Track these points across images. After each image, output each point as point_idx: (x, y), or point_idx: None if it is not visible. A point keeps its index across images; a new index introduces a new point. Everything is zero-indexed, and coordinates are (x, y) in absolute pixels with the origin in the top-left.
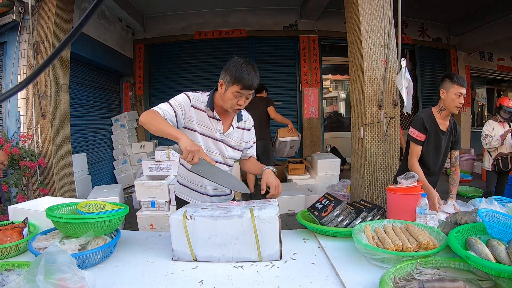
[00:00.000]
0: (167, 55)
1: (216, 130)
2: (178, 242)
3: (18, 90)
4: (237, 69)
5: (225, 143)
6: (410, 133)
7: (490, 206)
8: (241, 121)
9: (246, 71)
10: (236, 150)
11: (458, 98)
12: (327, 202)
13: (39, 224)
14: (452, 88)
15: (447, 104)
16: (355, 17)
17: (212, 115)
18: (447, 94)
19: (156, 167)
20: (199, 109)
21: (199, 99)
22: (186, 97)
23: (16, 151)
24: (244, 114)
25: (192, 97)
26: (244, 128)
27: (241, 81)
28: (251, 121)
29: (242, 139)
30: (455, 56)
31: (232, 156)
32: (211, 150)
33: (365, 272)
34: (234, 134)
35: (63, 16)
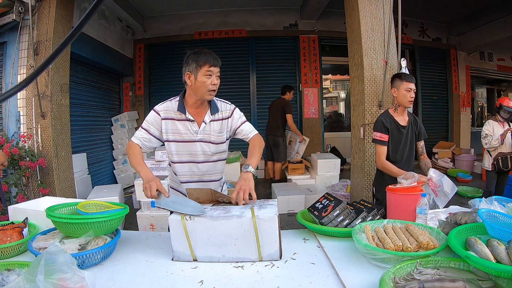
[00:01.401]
0: (167, 55)
1: (193, 132)
2: (178, 242)
3: (18, 90)
4: (197, 55)
5: (204, 141)
6: (374, 137)
7: (490, 206)
8: (216, 113)
9: (205, 53)
10: (219, 144)
11: (409, 92)
12: (327, 202)
13: (39, 224)
14: (402, 85)
15: (400, 100)
16: (355, 17)
17: (185, 118)
18: (398, 92)
19: (156, 167)
20: (171, 118)
21: (169, 108)
22: (154, 114)
23: (16, 151)
24: (221, 105)
25: (161, 110)
26: (222, 118)
27: (207, 61)
28: (230, 108)
29: (222, 130)
30: (455, 56)
31: (216, 150)
32: (192, 153)
33: (365, 272)
34: (210, 129)
35: (63, 16)
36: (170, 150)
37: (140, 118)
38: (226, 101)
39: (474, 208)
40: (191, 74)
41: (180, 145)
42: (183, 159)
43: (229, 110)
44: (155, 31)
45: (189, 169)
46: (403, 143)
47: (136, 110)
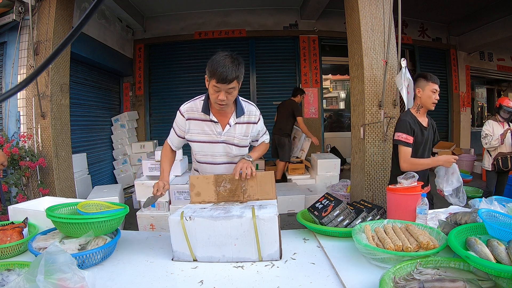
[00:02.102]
0: (167, 55)
1: (216, 133)
2: (178, 243)
3: (18, 90)
4: (214, 63)
5: (227, 143)
6: (399, 138)
7: (490, 206)
8: (242, 116)
9: (222, 64)
10: (242, 147)
11: (434, 94)
12: (327, 202)
13: (39, 224)
14: (427, 86)
15: (424, 101)
16: (355, 17)
17: (209, 119)
18: (423, 92)
19: (156, 167)
20: (195, 119)
21: (194, 108)
22: (179, 115)
23: (16, 151)
24: (248, 108)
25: (186, 111)
26: (249, 122)
27: (215, 75)
28: (257, 113)
29: (247, 134)
30: (455, 56)
31: (238, 153)
32: (215, 154)
33: (365, 272)
34: (234, 131)
35: (63, 16)
36: (194, 149)
37: (140, 118)
38: (253, 104)
39: (474, 208)
40: (207, 78)
41: (202, 145)
42: (204, 159)
43: (256, 116)
44: (155, 31)
45: (210, 170)
46: (423, 146)
47: (136, 110)
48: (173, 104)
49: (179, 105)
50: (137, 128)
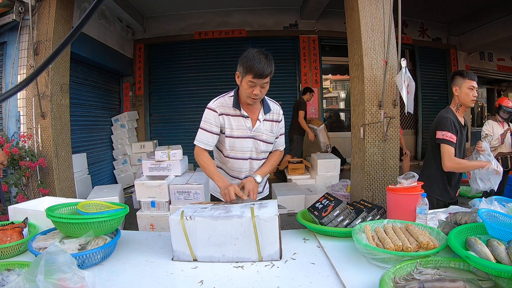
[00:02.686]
0: (167, 55)
1: (247, 128)
2: (178, 242)
3: (18, 90)
4: (249, 59)
5: (256, 138)
6: (443, 136)
7: (490, 206)
8: (268, 113)
9: (258, 60)
10: (269, 144)
11: (472, 91)
12: (327, 202)
13: (39, 224)
14: (464, 83)
15: (462, 100)
16: (355, 17)
17: (240, 114)
18: (460, 90)
19: (156, 167)
20: (227, 114)
21: (224, 104)
22: (211, 112)
23: (16, 151)
24: (273, 106)
25: (217, 107)
26: (273, 120)
27: (252, 70)
28: (281, 112)
29: (272, 131)
30: (455, 56)
31: (265, 149)
32: (244, 149)
33: (365, 272)
34: (263, 127)
35: (63, 16)
36: (224, 145)
37: (140, 118)
38: (275, 102)
39: (474, 208)
40: (239, 74)
41: (234, 140)
42: (233, 154)
43: (280, 115)
44: (155, 31)
45: (238, 166)
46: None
47: (136, 110)
48: (173, 104)
49: (179, 105)
50: (137, 128)
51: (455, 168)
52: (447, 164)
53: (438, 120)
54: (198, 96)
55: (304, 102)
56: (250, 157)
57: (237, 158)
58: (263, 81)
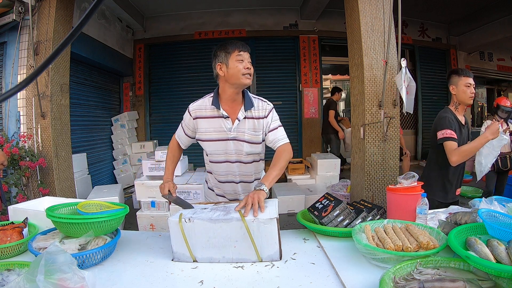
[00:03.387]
0: (167, 55)
1: (227, 129)
2: (178, 244)
3: (18, 90)
4: (224, 44)
5: (238, 139)
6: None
7: (490, 206)
8: (249, 110)
9: (231, 41)
10: (253, 144)
11: (468, 88)
12: (327, 202)
13: (39, 224)
14: (460, 81)
15: (460, 98)
16: (355, 17)
17: (220, 114)
18: (457, 88)
19: (156, 167)
20: (204, 117)
21: (202, 106)
22: (187, 114)
23: (16, 151)
24: (257, 102)
25: (193, 110)
26: (257, 117)
27: (235, 46)
28: (267, 107)
29: (258, 129)
30: (455, 56)
31: (250, 151)
32: (228, 152)
33: (365, 272)
34: (243, 127)
35: (63, 16)
36: (206, 150)
37: (140, 118)
38: (265, 100)
39: (474, 208)
40: (222, 64)
41: (215, 144)
42: (218, 158)
43: (266, 110)
44: (155, 31)
45: (224, 169)
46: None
47: (136, 110)
48: (173, 104)
49: (179, 105)
50: (137, 128)
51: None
52: (452, 159)
53: (436, 121)
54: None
55: (334, 102)
56: (237, 160)
57: (222, 161)
58: (248, 56)
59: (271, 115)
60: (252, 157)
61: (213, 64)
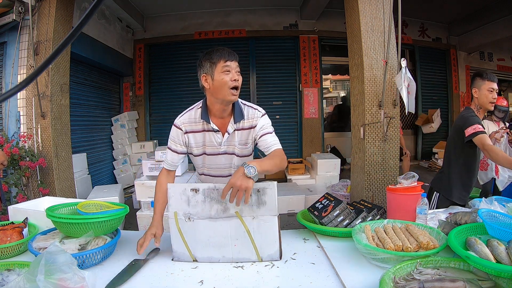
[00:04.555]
0: (167, 55)
1: (217, 144)
2: (178, 243)
3: (18, 90)
4: (209, 53)
5: (229, 153)
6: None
7: (490, 206)
8: (240, 121)
9: (217, 49)
10: (244, 157)
11: (491, 93)
12: (327, 202)
13: (39, 224)
14: (483, 85)
15: (482, 102)
16: (355, 17)
17: (210, 128)
18: (479, 92)
19: (156, 167)
20: (194, 131)
21: (191, 119)
22: (176, 129)
23: (16, 151)
24: (248, 111)
25: (182, 124)
26: (248, 127)
27: (221, 56)
28: (258, 114)
29: (248, 141)
30: (455, 56)
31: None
32: (219, 167)
33: (365, 272)
34: (234, 139)
35: (63, 16)
36: (197, 164)
37: (140, 118)
38: (256, 107)
39: (474, 208)
40: (207, 75)
41: (206, 158)
42: (210, 172)
43: (256, 118)
44: (155, 31)
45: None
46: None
47: (136, 110)
48: (173, 104)
49: (179, 105)
50: (137, 128)
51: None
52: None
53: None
54: (198, 96)
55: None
56: (229, 174)
57: (214, 175)
58: (236, 65)
59: (260, 123)
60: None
61: (198, 74)
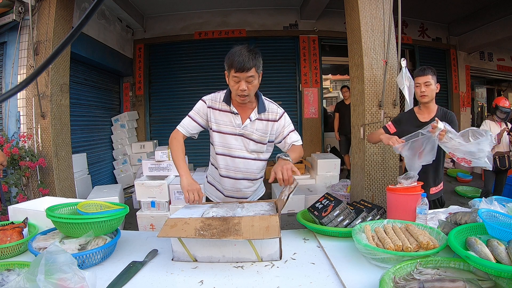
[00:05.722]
0: (167, 55)
1: (236, 125)
2: (177, 243)
3: (18, 90)
4: (230, 55)
5: (245, 136)
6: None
7: (490, 206)
8: (263, 113)
9: (238, 54)
10: (258, 144)
11: (418, 87)
12: (327, 202)
13: (39, 224)
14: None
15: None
16: (355, 17)
17: (229, 110)
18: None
19: (156, 167)
20: (216, 108)
21: (216, 98)
22: (202, 103)
23: (16, 151)
24: (269, 105)
25: (208, 100)
26: (268, 120)
27: (233, 64)
28: (279, 111)
29: (266, 132)
30: (455, 56)
31: (255, 149)
32: (232, 147)
33: (365, 272)
34: (254, 127)
35: (63, 16)
36: (214, 140)
37: (140, 118)
38: (275, 103)
39: (474, 208)
40: (226, 73)
41: (222, 136)
42: (224, 151)
43: (277, 114)
44: (155, 31)
45: (226, 163)
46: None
47: (136, 110)
48: (173, 104)
49: (179, 105)
50: (137, 128)
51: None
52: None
53: None
54: (198, 96)
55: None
56: (242, 156)
57: (228, 155)
58: (246, 75)
59: (283, 119)
60: (255, 154)
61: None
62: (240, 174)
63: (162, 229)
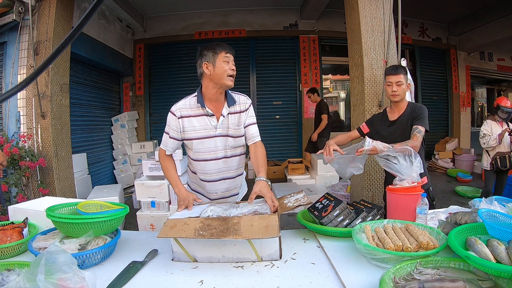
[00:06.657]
0: (167, 55)
1: (212, 126)
2: (177, 244)
3: (18, 90)
4: (212, 45)
5: (223, 135)
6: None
7: (490, 206)
8: (233, 105)
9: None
10: (237, 138)
11: (389, 87)
12: (327, 202)
13: (39, 224)
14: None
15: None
16: (355, 17)
17: (205, 112)
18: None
19: (156, 167)
20: (190, 115)
21: (186, 105)
22: (171, 116)
23: (16, 151)
24: (238, 97)
25: (177, 111)
26: (240, 111)
27: (223, 48)
28: (247, 102)
29: (240, 123)
30: (455, 56)
31: (235, 145)
32: (214, 150)
33: (365, 272)
34: (228, 122)
35: (63, 16)
36: (192, 148)
37: (140, 118)
38: (244, 95)
39: (474, 208)
40: (208, 63)
41: (202, 141)
42: (205, 156)
43: (246, 104)
44: (155, 31)
45: (210, 167)
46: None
47: (136, 110)
48: (173, 104)
49: None
50: (137, 128)
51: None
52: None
53: None
54: None
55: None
56: (224, 156)
57: (208, 159)
58: (232, 58)
59: (250, 109)
60: (236, 150)
61: (198, 63)
62: (221, 174)
63: (161, 230)
